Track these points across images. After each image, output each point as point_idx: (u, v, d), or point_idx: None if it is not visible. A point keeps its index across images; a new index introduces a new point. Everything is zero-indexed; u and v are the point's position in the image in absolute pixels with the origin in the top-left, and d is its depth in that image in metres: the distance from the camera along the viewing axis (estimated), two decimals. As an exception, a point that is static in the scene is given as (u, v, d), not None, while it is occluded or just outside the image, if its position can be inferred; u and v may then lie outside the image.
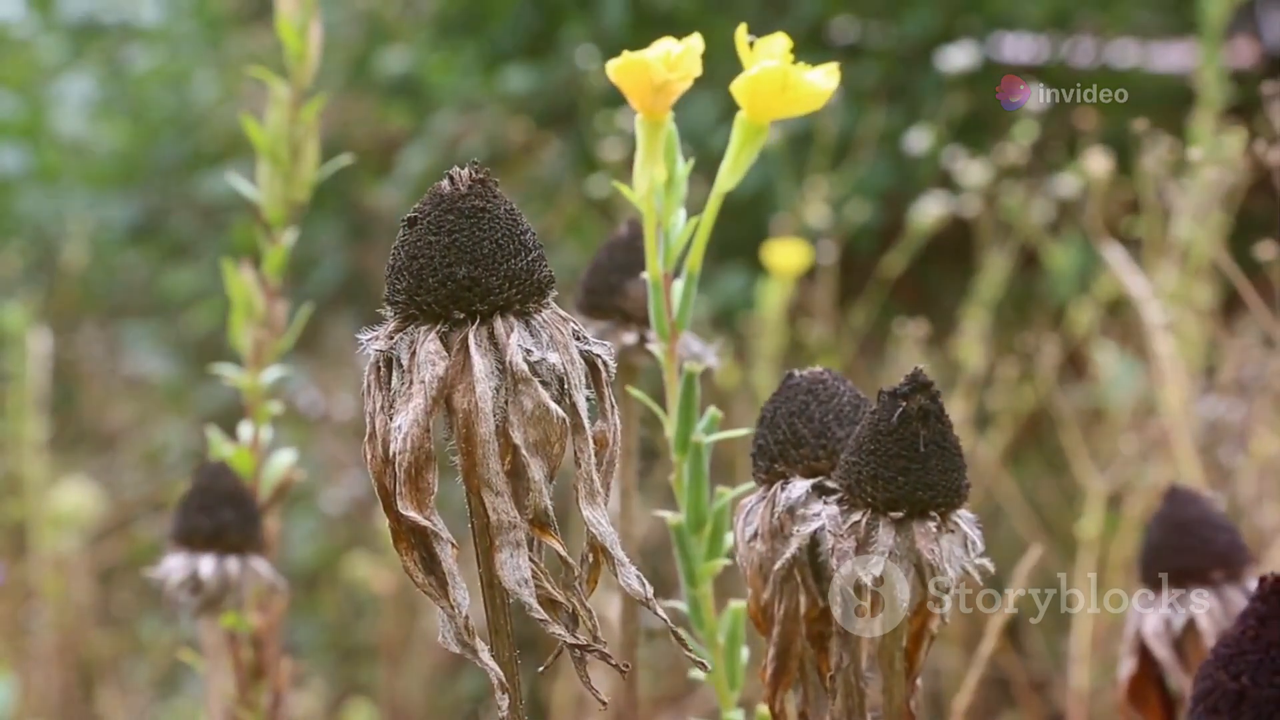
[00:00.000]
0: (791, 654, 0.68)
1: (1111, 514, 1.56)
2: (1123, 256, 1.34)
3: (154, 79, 2.92)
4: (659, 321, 0.72)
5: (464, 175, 0.57)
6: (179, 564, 0.90)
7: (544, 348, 0.56)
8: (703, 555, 0.73)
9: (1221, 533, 0.85)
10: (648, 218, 0.71)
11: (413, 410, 0.55)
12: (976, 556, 0.64)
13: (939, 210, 1.90)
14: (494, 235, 0.56)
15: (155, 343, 2.89)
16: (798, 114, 0.71)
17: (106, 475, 2.56)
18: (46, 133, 2.96)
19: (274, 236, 0.98)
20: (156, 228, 2.95)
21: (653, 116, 0.70)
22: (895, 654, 0.66)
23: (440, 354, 0.55)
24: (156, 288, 2.93)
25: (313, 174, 0.97)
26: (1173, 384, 1.30)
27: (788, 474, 0.69)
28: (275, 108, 0.97)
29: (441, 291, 0.56)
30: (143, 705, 2.16)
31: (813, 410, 0.70)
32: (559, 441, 0.56)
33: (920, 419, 0.64)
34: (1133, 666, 0.84)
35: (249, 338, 0.97)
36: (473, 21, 2.50)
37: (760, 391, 1.71)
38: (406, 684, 2.01)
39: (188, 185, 2.87)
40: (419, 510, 0.55)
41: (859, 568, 0.64)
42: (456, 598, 0.56)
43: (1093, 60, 2.45)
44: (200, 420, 2.68)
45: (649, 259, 0.71)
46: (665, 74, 0.69)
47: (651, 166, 0.70)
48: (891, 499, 0.64)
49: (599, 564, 0.58)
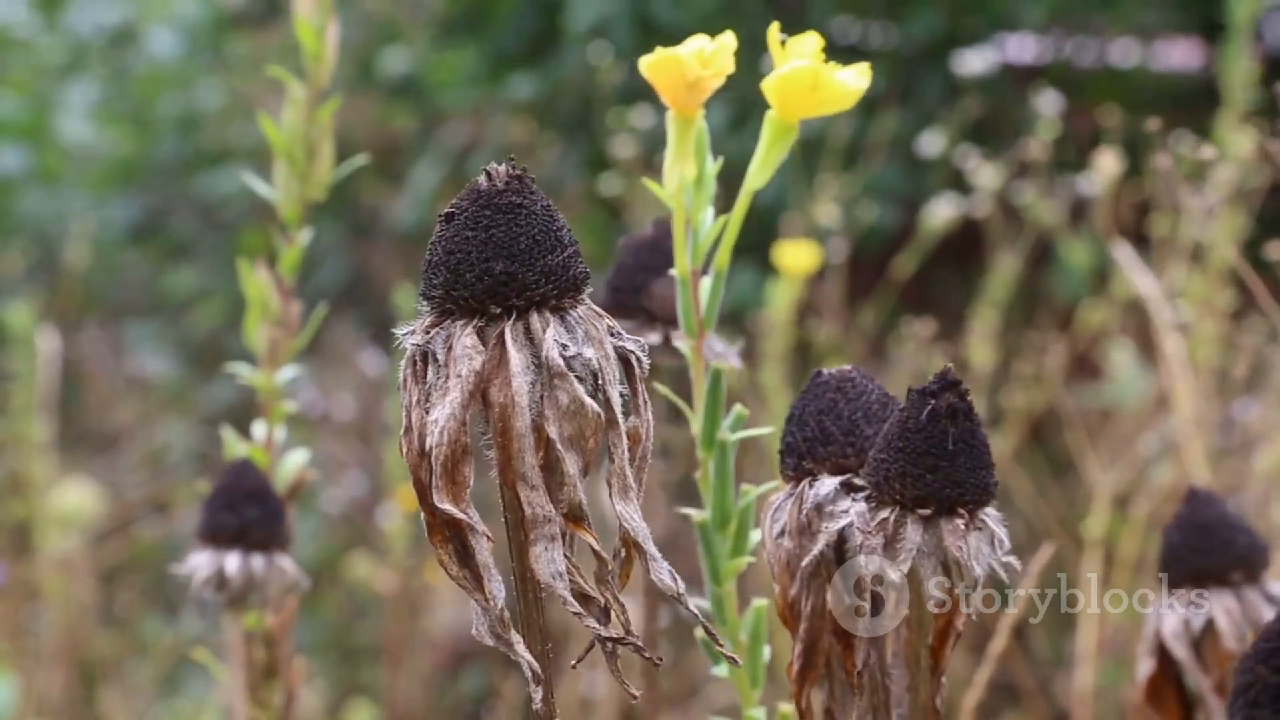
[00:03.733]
0: (818, 651, 0.68)
1: (1117, 514, 1.56)
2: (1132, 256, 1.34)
3: (156, 82, 2.92)
4: (687, 319, 0.72)
5: (501, 171, 0.57)
6: (204, 561, 0.90)
7: (579, 343, 0.56)
8: (727, 553, 0.73)
9: (1241, 534, 0.85)
10: (677, 215, 0.71)
11: (449, 404, 0.55)
12: (1003, 554, 0.64)
13: (950, 211, 1.90)
14: (530, 231, 0.56)
15: (157, 343, 2.89)
16: (827, 113, 0.71)
17: (108, 475, 2.56)
18: (48, 134, 2.96)
19: (289, 236, 0.98)
20: (157, 228, 2.95)
21: (684, 113, 0.70)
22: (921, 651, 0.66)
23: (477, 348, 0.56)
24: (157, 288, 2.93)
25: (328, 174, 0.97)
26: (1182, 384, 1.30)
27: (816, 471, 0.69)
28: (291, 108, 0.97)
29: (478, 286, 0.56)
30: (144, 705, 2.16)
31: (841, 408, 0.70)
32: (594, 436, 0.56)
33: (949, 417, 0.64)
34: (1151, 667, 0.84)
35: (263, 337, 0.97)
36: (475, 22, 2.50)
37: (768, 391, 1.71)
38: (407, 684, 2.00)
39: (188, 185, 2.87)
40: (455, 503, 0.55)
41: (887, 564, 0.64)
42: (492, 590, 0.56)
43: (1096, 60, 2.46)
44: (202, 420, 2.69)
45: (677, 256, 0.71)
46: (698, 70, 0.69)
47: (682, 163, 0.70)
48: (920, 496, 0.64)
49: (631, 559, 0.58)
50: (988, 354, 1.79)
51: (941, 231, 1.92)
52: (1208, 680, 0.82)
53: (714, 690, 1.81)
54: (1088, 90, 2.32)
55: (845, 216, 1.97)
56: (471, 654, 2.21)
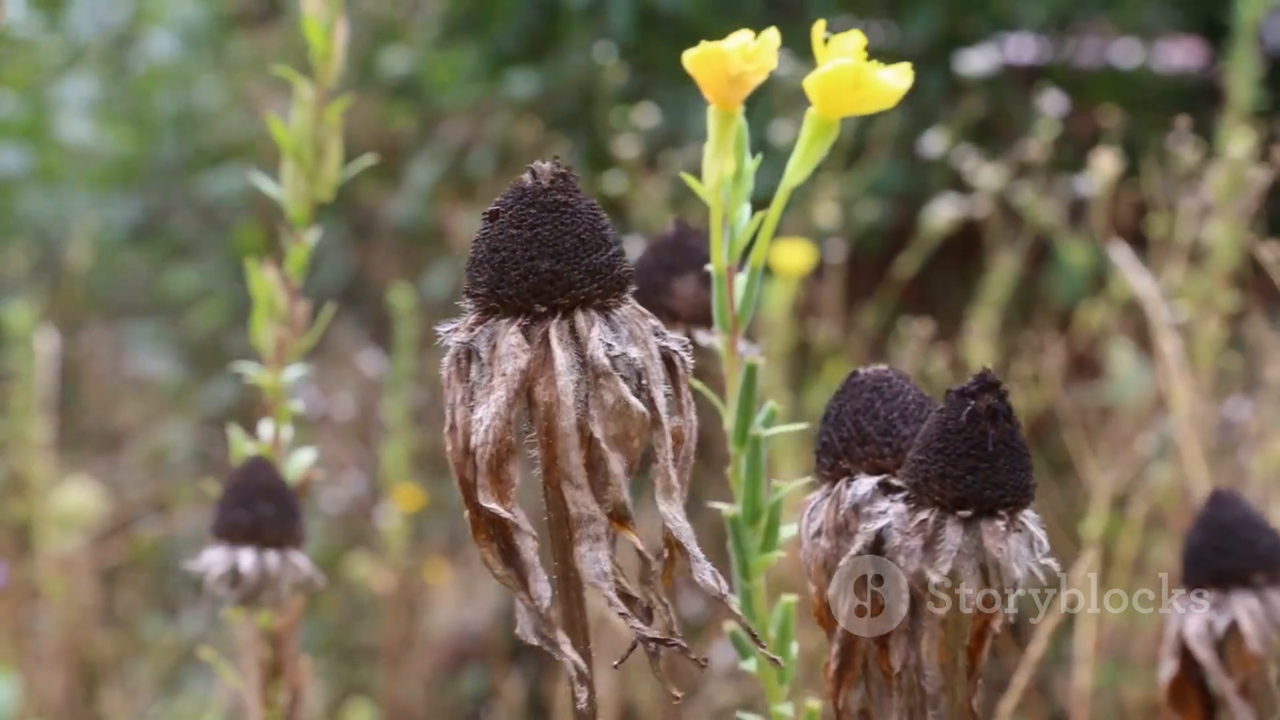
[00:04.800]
0: (855, 651, 0.69)
1: (1116, 514, 1.56)
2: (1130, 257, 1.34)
3: (156, 81, 2.92)
4: (721, 314, 0.72)
5: (546, 170, 0.57)
6: (219, 557, 0.90)
7: (624, 342, 0.56)
8: (758, 548, 0.73)
9: (1264, 535, 0.85)
10: (714, 210, 0.71)
11: (494, 403, 0.55)
12: (1042, 557, 0.64)
13: (950, 212, 1.90)
14: (576, 230, 0.57)
15: (157, 343, 2.89)
16: (869, 112, 0.71)
17: (109, 475, 2.56)
18: (48, 134, 2.96)
19: (297, 235, 0.98)
20: (157, 228, 2.95)
21: (726, 108, 0.70)
22: (959, 652, 0.67)
23: (522, 346, 0.56)
24: (157, 288, 2.93)
25: (336, 174, 0.98)
26: (1180, 384, 1.30)
27: (852, 471, 0.69)
28: (299, 108, 0.98)
29: (524, 285, 0.56)
30: (145, 705, 2.17)
31: (878, 408, 0.70)
32: (639, 436, 0.56)
33: (989, 418, 0.64)
34: (1174, 668, 0.84)
35: (270, 336, 0.97)
36: (476, 22, 2.50)
37: (766, 391, 1.71)
38: (406, 684, 2.01)
39: (189, 186, 2.87)
40: (500, 502, 0.56)
41: (927, 565, 0.64)
42: (538, 590, 0.56)
43: (1096, 60, 2.46)
44: (203, 420, 2.69)
45: (714, 251, 0.71)
46: (742, 65, 0.69)
47: (722, 158, 0.70)
48: (960, 497, 0.64)
49: (673, 559, 0.58)
50: (987, 354, 1.79)
51: (942, 232, 1.92)
52: (1231, 682, 0.83)
53: (714, 690, 1.81)
54: (1089, 90, 2.32)
55: (844, 216, 1.97)
56: (471, 654, 2.21)
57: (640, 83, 2.25)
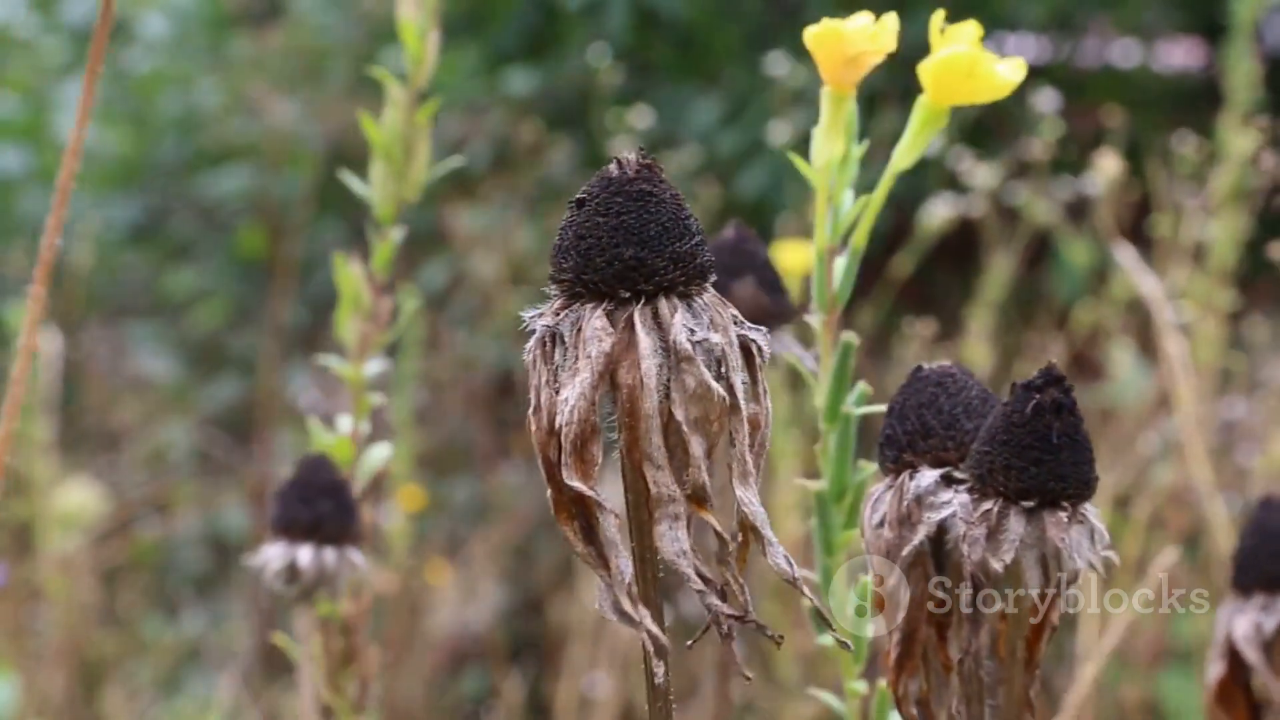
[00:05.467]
0: (916, 640, 0.69)
1: (1119, 514, 1.56)
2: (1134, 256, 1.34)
3: (156, 82, 2.92)
4: (820, 294, 0.73)
5: (631, 160, 0.58)
6: (277, 553, 0.91)
7: (705, 329, 0.57)
8: (841, 524, 0.74)
9: (1315, 540, 0.86)
10: (820, 191, 0.72)
11: (579, 384, 0.56)
12: (1103, 549, 0.65)
13: (948, 212, 1.91)
14: (660, 219, 0.57)
15: (157, 343, 2.89)
16: (981, 101, 0.72)
17: (109, 475, 2.57)
18: (48, 133, 2.97)
19: (384, 233, 1.00)
20: (157, 228, 2.96)
21: (839, 89, 0.71)
22: (1017, 643, 0.67)
23: (607, 330, 0.57)
24: (157, 288, 2.93)
25: (424, 174, 1.00)
26: (1184, 384, 1.30)
27: (916, 464, 0.70)
28: (391, 109, 1.00)
29: (609, 271, 0.57)
30: (145, 705, 2.17)
31: (941, 403, 0.71)
32: (718, 420, 0.57)
33: (1054, 411, 0.65)
34: (1222, 670, 0.85)
35: (354, 330, 0.99)
36: (476, 22, 2.51)
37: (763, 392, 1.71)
38: (406, 684, 2.01)
39: (189, 186, 2.87)
40: (584, 480, 0.56)
41: (990, 555, 0.65)
42: (619, 565, 0.57)
43: (1096, 60, 2.46)
44: (203, 420, 2.69)
45: (818, 231, 0.73)
46: (861, 45, 0.70)
47: (833, 139, 0.71)
48: (1024, 489, 0.65)
49: (748, 542, 0.58)
50: (986, 354, 1.80)
51: (940, 232, 1.93)
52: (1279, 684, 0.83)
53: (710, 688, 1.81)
54: (1089, 90, 2.32)
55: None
56: (471, 654, 2.22)
57: (638, 83, 2.26)
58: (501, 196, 2.48)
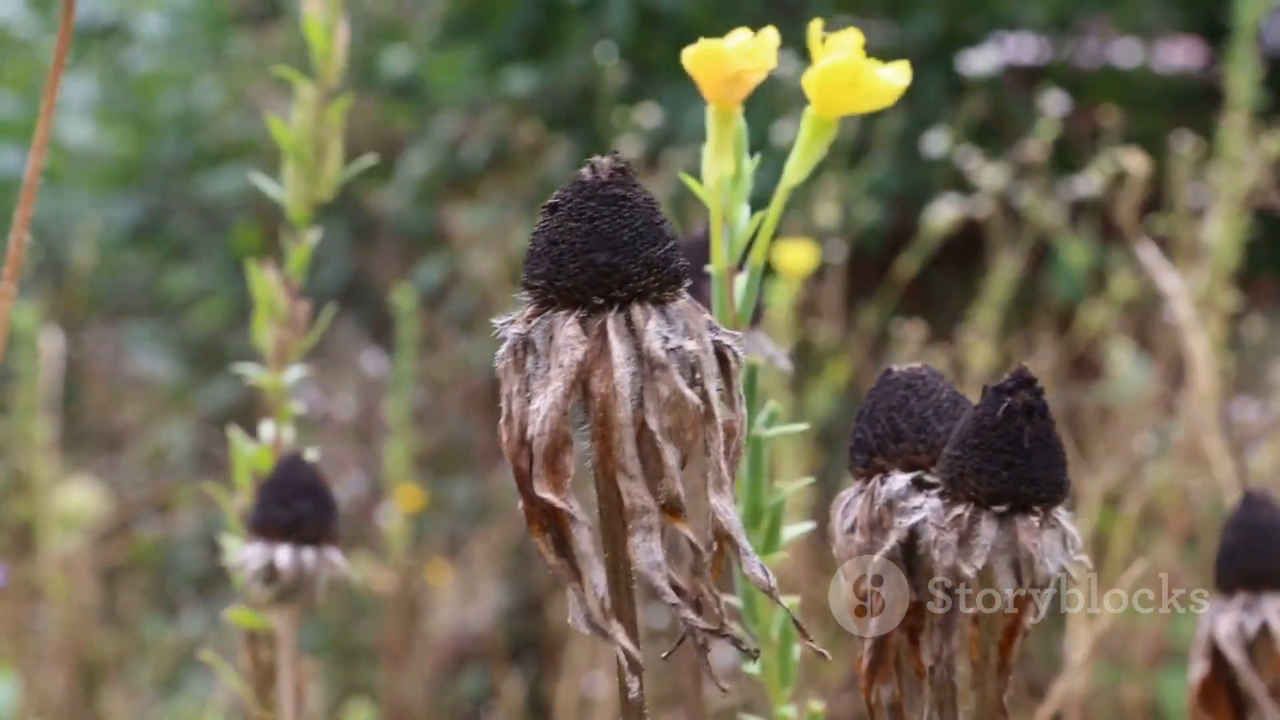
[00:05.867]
0: (888, 646, 0.69)
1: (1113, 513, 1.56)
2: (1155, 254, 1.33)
3: (156, 81, 2.92)
4: (722, 314, 0.72)
5: (604, 164, 0.57)
6: (256, 554, 0.91)
7: (680, 336, 0.56)
8: (760, 548, 0.73)
9: (1296, 537, 0.85)
10: (714, 211, 0.71)
11: (551, 393, 0.56)
12: (1075, 554, 0.65)
13: (952, 212, 1.91)
14: (634, 223, 0.57)
15: (157, 343, 2.89)
16: (867, 110, 0.70)
17: (109, 475, 2.57)
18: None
19: (297, 236, 0.98)
20: (157, 228, 2.96)
21: (724, 107, 0.70)
22: (990, 648, 0.67)
23: (580, 338, 0.56)
24: (157, 288, 2.93)
25: (337, 174, 0.98)
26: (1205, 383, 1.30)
27: (887, 468, 0.69)
28: (300, 107, 0.97)
29: (581, 277, 0.56)
30: (145, 705, 2.17)
31: (912, 405, 0.70)
32: (692, 429, 0.56)
33: (1025, 415, 0.64)
34: (1204, 669, 0.85)
35: (271, 337, 0.96)
36: (476, 22, 2.51)
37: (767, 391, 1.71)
38: (406, 684, 2.01)
39: (189, 186, 2.87)
40: (555, 492, 0.56)
41: (961, 560, 0.64)
42: (593, 578, 0.56)
43: (1097, 60, 2.46)
44: (203, 420, 2.69)
45: (714, 252, 0.71)
46: (741, 64, 0.68)
47: (721, 159, 0.70)
48: (995, 493, 0.64)
49: (722, 551, 0.58)
50: (987, 354, 1.79)
51: (943, 232, 1.93)
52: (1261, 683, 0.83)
53: (711, 691, 1.81)
54: (1089, 90, 2.32)
55: (845, 216, 1.97)
56: (471, 654, 2.22)
57: (640, 82, 2.26)
58: (500, 196, 2.48)
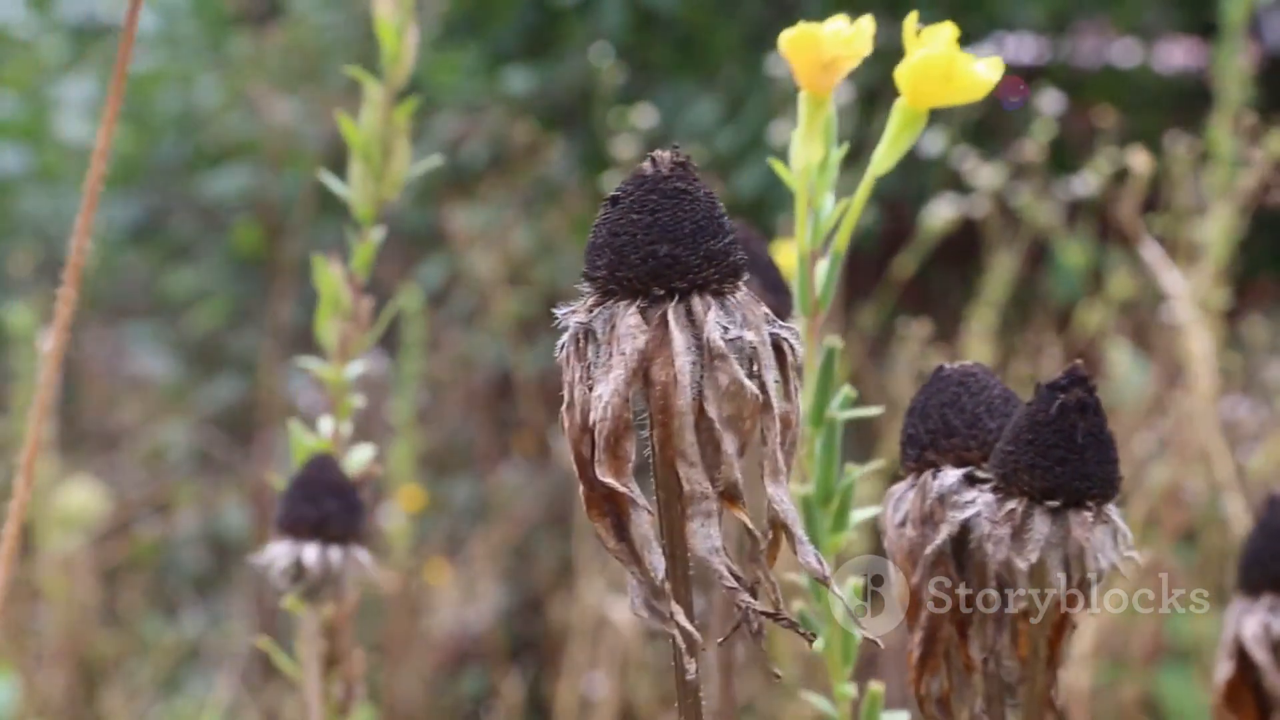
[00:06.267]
0: (938, 639, 0.69)
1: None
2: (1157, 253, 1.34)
3: (155, 81, 2.92)
4: (803, 298, 0.73)
5: (665, 158, 0.59)
6: (283, 551, 0.91)
7: (739, 326, 0.57)
8: (829, 529, 0.74)
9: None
10: (800, 195, 0.72)
11: (613, 380, 0.57)
12: (1126, 549, 0.65)
13: (949, 212, 1.91)
14: (694, 216, 0.58)
15: (157, 343, 2.90)
16: (959, 103, 0.71)
17: (108, 475, 2.57)
18: (48, 134, 2.97)
19: (363, 234, 0.99)
20: (157, 228, 2.96)
21: (817, 94, 0.71)
22: (1040, 642, 0.68)
23: (641, 328, 0.57)
24: (157, 288, 2.93)
25: (403, 173, 0.99)
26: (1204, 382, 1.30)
27: (938, 463, 0.70)
28: (369, 108, 0.98)
29: (643, 268, 0.57)
30: (145, 705, 2.17)
31: (964, 402, 0.71)
32: (750, 418, 0.57)
33: (1079, 411, 0.65)
34: (1230, 670, 0.85)
35: (334, 332, 0.98)
36: (475, 22, 2.51)
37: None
38: (406, 684, 2.01)
39: (189, 186, 2.87)
40: (617, 477, 0.57)
41: (1015, 554, 0.65)
42: (652, 562, 0.57)
43: (1096, 60, 2.46)
44: (202, 420, 2.69)
45: (798, 236, 0.73)
46: (836, 50, 0.69)
47: (810, 144, 0.71)
48: (1049, 488, 0.65)
49: (778, 540, 0.59)
50: (986, 354, 1.80)
51: (941, 232, 1.93)
52: None
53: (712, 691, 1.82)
54: (1088, 90, 2.32)
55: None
56: (471, 654, 2.22)
57: (637, 82, 2.26)
58: (500, 196, 2.49)
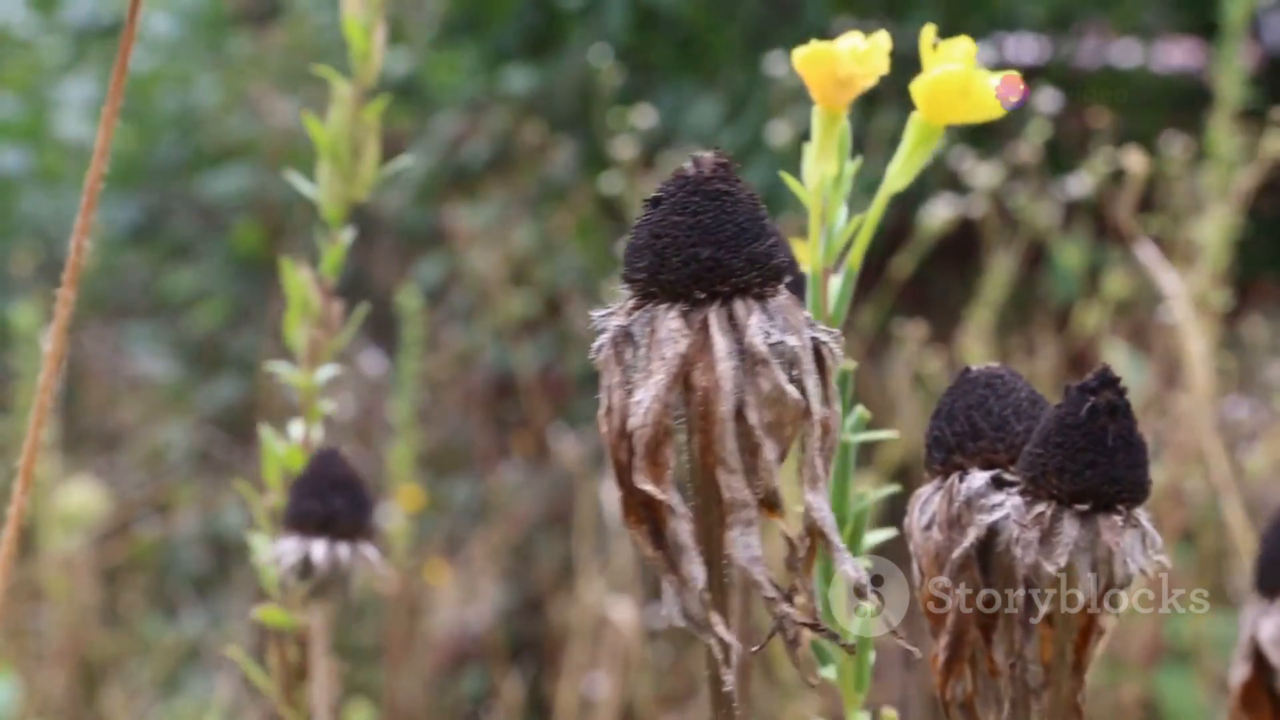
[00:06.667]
0: (965, 644, 0.69)
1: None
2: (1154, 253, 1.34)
3: (155, 81, 2.92)
4: (816, 315, 0.72)
5: (707, 159, 0.57)
6: (291, 548, 0.91)
7: (781, 331, 0.56)
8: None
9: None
10: (813, 211, 0.71)
11: (653, 385, 0.56)
12: (1155, 554, 0.64)
13: (948, 212, 1.91)
14: (737, 219, 0.57)
15: (156, 343, 2.90)
16: (976, 119, 0.71)
17: (109, 475, 2.57)
18: (48, 134, 2.97)
19: (332, 236, 0.97)
20: (157, 228, 2.96)
21: (831, 110, 0.70)
22: (1066, 647, 0.67)
23: (682, 332, 0.56)
24: (157, 288, 2.93)
25: (373, 174, 0.97)
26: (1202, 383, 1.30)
27: (965, 465, 0.69)
28: (337, 107, 0.97)
29: (685, 271, 0.56)
30: (146, 705, 2.17)
31: (991, 404, 0.70)
32: (792, 424, 0.56)
33: (1109, 414, 0.64)
34: (1246, 672, 0.85)
35: (304, 336, 0.97)
36: (476, 22, 2.51)
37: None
38: (407, 684, 2.01)
39: (189, 186, 2.87)
40: (656, 484, 0.56)
41: (1043, 558, 0.64)
42: (691, 571, 0.56)
43: (1095, 60, 2.46)
44: (202, 420, 2.69)
45: (812, 252, 0.71)
46: (851, 67, 0.69)
47: (824, 160, 0.70)
48: (1078, 491, 0.64)
49: (815, 547, 0.58)
50: (984, 354, 1.80)
51: (939, 232, 1.93)
52: None
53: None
54: (1088, 90, 2.32)
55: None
56: (471, 654, 2.22)
57: (638, 83, 2.26)
58: (501, 195, 2.49)
